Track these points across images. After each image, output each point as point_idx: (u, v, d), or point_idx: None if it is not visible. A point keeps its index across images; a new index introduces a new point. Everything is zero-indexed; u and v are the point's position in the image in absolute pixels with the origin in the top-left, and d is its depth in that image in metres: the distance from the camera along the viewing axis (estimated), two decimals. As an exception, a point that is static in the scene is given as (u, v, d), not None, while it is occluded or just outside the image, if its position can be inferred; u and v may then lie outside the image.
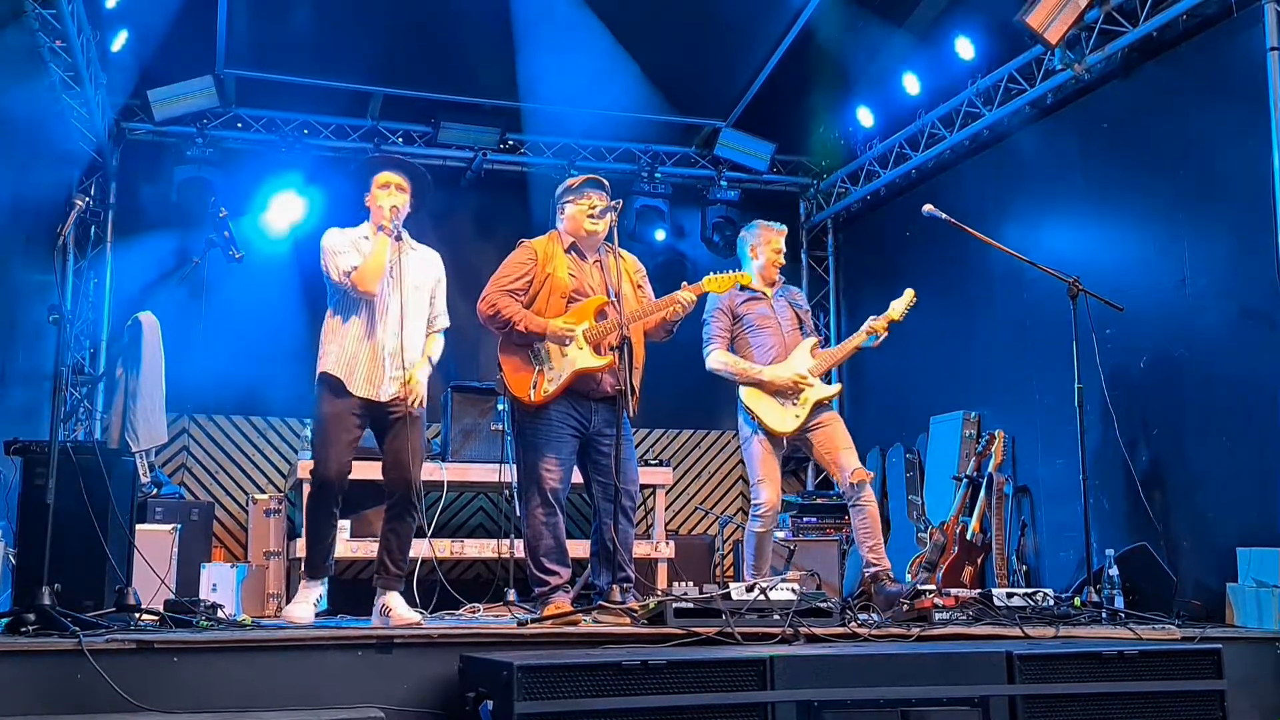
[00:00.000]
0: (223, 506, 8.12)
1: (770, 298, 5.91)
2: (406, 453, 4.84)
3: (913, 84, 8.22)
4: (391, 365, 4.85)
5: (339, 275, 4.86)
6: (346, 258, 4.87)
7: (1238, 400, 5.61)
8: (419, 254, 5.10)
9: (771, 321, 5.83)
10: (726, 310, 5.86)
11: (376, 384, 4.84)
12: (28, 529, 4.57)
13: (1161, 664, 4.10)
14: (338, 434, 4.81)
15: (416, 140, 8.76)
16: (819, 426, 5.69)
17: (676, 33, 7.95)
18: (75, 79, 7.00)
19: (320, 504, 4.89)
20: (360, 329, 4.87)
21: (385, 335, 4.85)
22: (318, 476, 4.86)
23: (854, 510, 5.60)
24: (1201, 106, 5.96)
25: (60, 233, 4.61)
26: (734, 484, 9.44)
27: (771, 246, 5.94)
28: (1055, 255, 6.27)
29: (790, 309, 5.93)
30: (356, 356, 4.84)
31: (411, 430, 4.87)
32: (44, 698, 3.64)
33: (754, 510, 5.66)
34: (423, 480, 4.97)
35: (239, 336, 8.05)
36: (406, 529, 4.91)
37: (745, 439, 5.75)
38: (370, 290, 4.83)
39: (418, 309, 5.00)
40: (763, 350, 5.78)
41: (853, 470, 5.57)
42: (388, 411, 4.87)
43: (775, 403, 5.68)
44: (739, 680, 3.70)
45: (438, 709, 3.99)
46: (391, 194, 4.96)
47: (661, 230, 9.12)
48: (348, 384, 4.82)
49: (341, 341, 4.87)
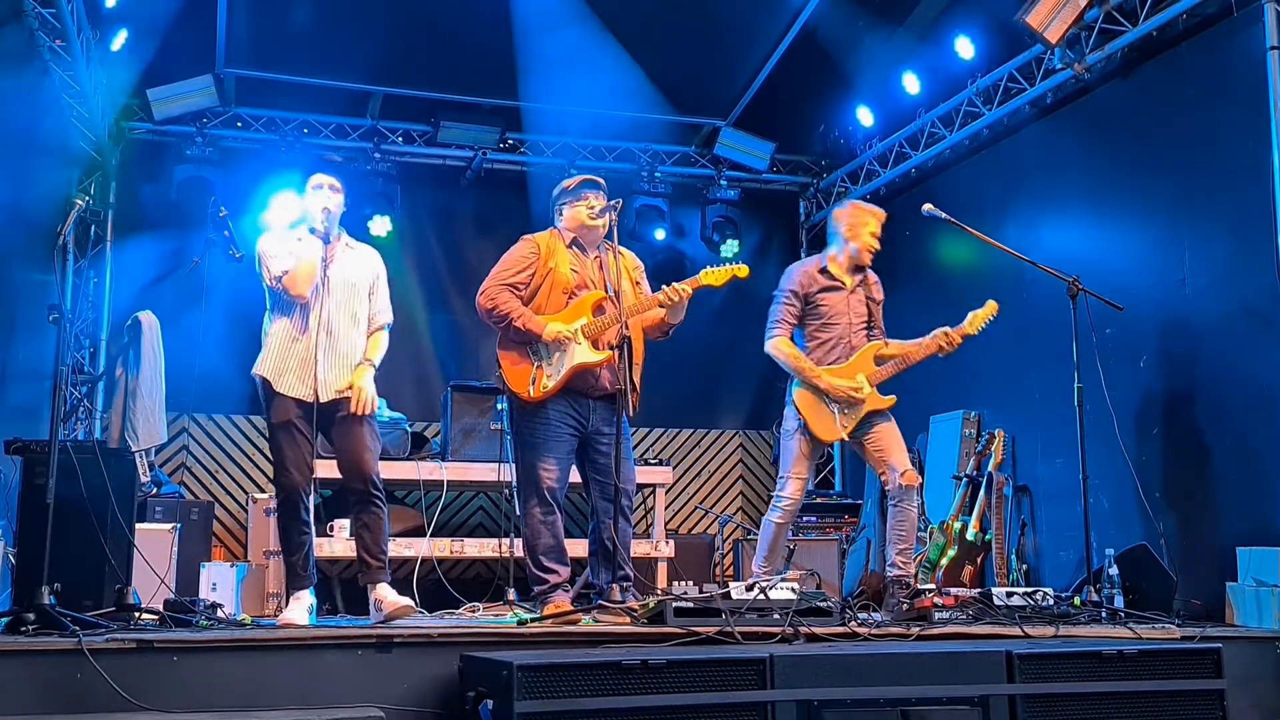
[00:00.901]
0: (222, 506, 8.12)
1: (849, 289, 5.59)
2: (358, 447, 4.88)
3: (912, 83, 8.22)
4: (325, 365, 4.85)
5: (271, 279, 4.91)
6: (279, 261, 4.90)
7: (1238, 400, 5.61)
8: (356, 252, 5.12)
9: (843, 318, 5.55)
10: (800, 294, 5.53)
11: (308, 384, 4.85)
12: (27, 528, 4.57)
13: (1161, 663, 4.11)
14: (290, 442, 4.85)
15: (416, 139, 8.76)
16: (873, 427, 5.52)
17: (676, 32, 7.95)
18: (75, 78, 7.00)
19: (289, 513, 4.89)
20: (292, 330, 4.90)
21: (319, 335, 4.86)
22: (283, 488, 4.87)
23: (894, 511, 5.44)
24: (1201, 106, 5.95)
25: (60, 232, 4.60)
26: (734, 483, 9.45)
27: (868, 230, 5.57)
28: (1055, 255, 6.27)
29: (865, 303, 5.63)
30: (286, 357, 4.87)
31: (357, 425, 4.89)
32: (44, 697, 3.64)
33: (776, 502, 5.56)
34: (422, 479, 4.96)
35: (239, 336, 8.00)
36: (376, 521, 4.91)
37: (787, 432, 5.58)
38: (302, 293, 4.86)
39: (353, 305, 5.00)
40: (826, 348, 5.54)
41: (904, 472, 5.42)
42: (334, 409, 4.88)
43: (826, 409, 5.46)
44: (739, 680, 3.70)
45: (437, 708, 3.99)
46: (324, 194, 5.00)
47: (661, 229, 9.12)
48: (275, 384, 4.85)
49: (273, 343, 4.92)
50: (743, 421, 9.51)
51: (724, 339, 9.06)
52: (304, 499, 4.89)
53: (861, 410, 5.49)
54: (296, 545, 4.89)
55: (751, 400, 9.40)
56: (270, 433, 4.94)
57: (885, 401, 5.54)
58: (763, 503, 8.78)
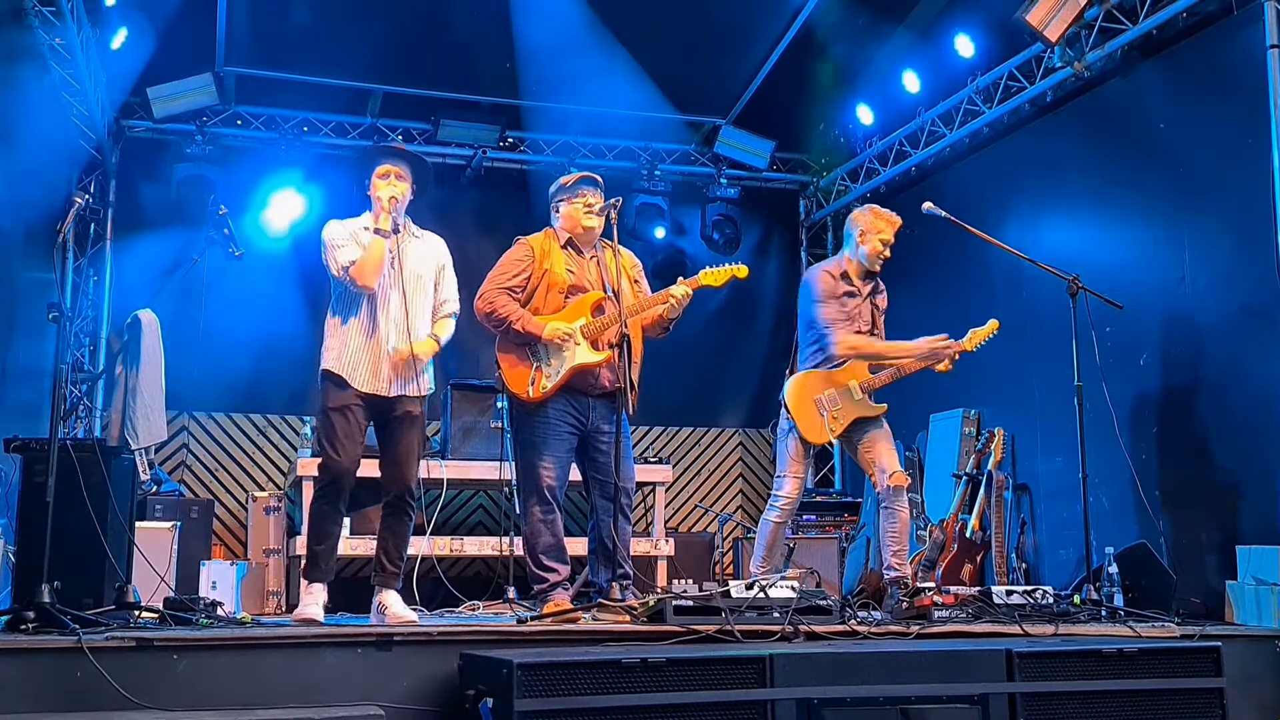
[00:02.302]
0: (222, 504, 8.13)
1: (862, 296, 5.63)
2: (405, 453, 4.83)
3: (912, 82, 8.21)
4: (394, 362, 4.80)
5: (338, 270, 4.80)
6: (346, 251, 4.81)
7: (1237, 398, 5.61)
8: (422, 241, 5.04)
9: (859, 322, 5.60)
10: (835, 294, 5.53)
11: (381, 378, 4.79)
12: (27, 526, 4.57)
13: (1161, 662, 4.11)
14: (345, 427, 4.75)
15: (416, 138, 8.76)
16: (865, 431, 5.57)
17: (676, 30, 7.95)
18: (75, 76, 7.00)
19: (328, 500, 4.80)
20: (362, 324, 4.81)
21: (388, 328, 4.80)
22: (330, 471, 4.76)
23: (885, 513, 5.49)
24: (1201, 104, 5.95)
25: (60, 230, 4.59)
26: (733, 481, 9.45)
27: (880, 236, 5.60)
28: (1055, 253, 6.27)
29: (871, 312, 5.68)
30: (359, 353, 4.79)
31: (411, 430, 4.85)
32: (44, 695, 3.64)
33: (774, 501, 5.60)
34: (422, 478, 4.95)
35: (239, 334, 8.05)
36: (403, 528, 4.89)
37: (782, 432, 5.63)
38: (369, 285, 4.77)
39: (421, 298, 4.94)
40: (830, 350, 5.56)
41: (893, 473, 5.46)
42: (391, 408, 4.83)
43: (815, 412, 5.52)
44: (739, 678, 3.70)
45: (437, 707, 3.99)
46: (391, 183, 4.89)
47: (661, 228, 9.12)
48: (350, 381, 4.77)
49: (343, 338, 4.82)
50: (743, 420, 9.51)
51: (724, 337, 9.07)
52: (347, 487, 4.80)
53: (850, 415, 5.54)
54: (326, 534, 4.81)
55: (751, 398, 9.41)
56: (324, 416, 4.80)
57: (876, 409, 5.58)
58: (763, 501, 8.77)
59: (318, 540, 4.83)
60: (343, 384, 4.78)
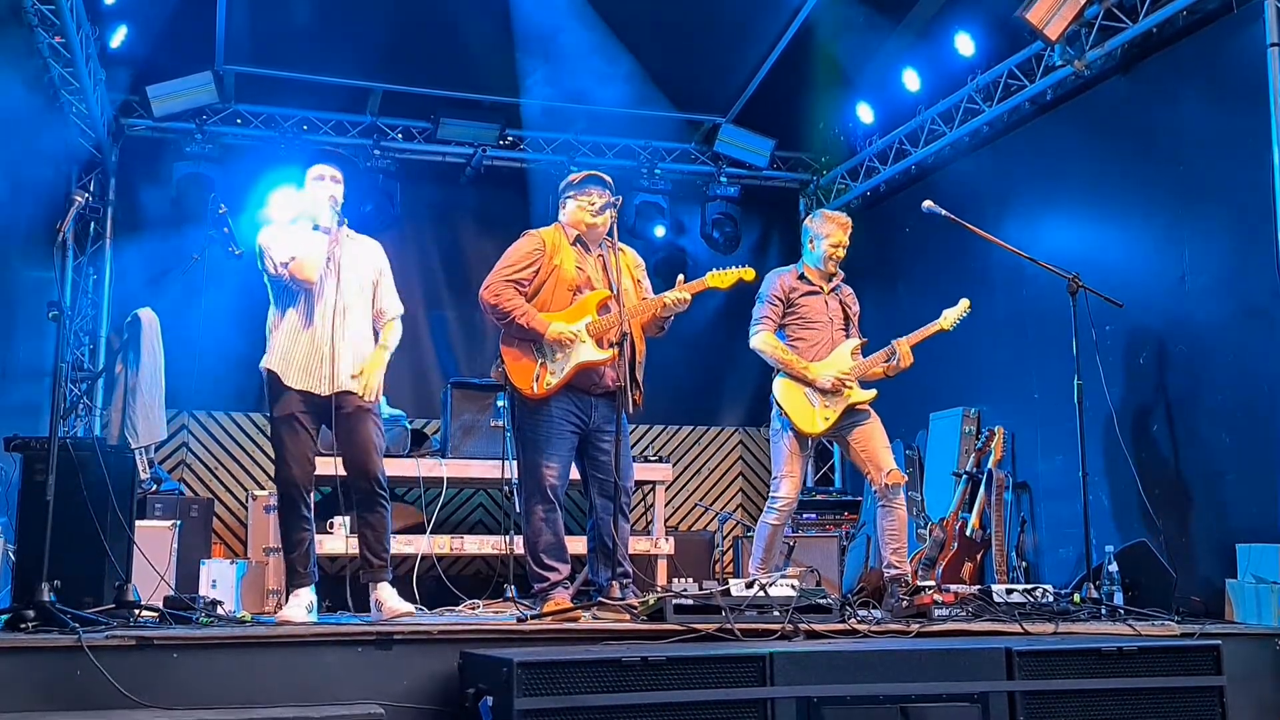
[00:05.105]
0: (222, 503, 8.12)
1: (825, 293, 5.75)
2: (364, 445, 4.83)
3: (912, 80, 8.21)
4: (334, 354, 4.78)
5: (275, 267, 4.82)
6: (281, 249, 4.83)
7: (1237, 397, 5.61)
8: (359, 244, 5.07)
9: (823, 318, 5.70)
10: (783, 296, 5.71)
11: (315, 376, 4.78)
12: (27, 525, 4.57)
13: (1161, 660, 4.11)
14: (293, 438, 4.79)
15: (416, 136, 8.76)
16: (856, 426, 5.60)
17: (676, 29, 7.95)
18: (74, 75, 7.00)
19: (288, 510, 4.83)
20: (298, 321, 4.83)
21: (324, 326, 4.81)
22: (281, 482, 4.82)
23: (883, 511, 5.52)
24: (1201, 102, 5.95)
25: (59, 229, 4.59)
26: (733, 480, 9.45)
27: (830, 240, 5.72)
28: (1055, 251, 6.26)
29: (841, 308, 5.79)
30: (293, 349, 4.81)
31: (364, 422, 4.85)
32: (44, 694, 3.65)
33: (771, 503, 5.62)
34: (422, 476, 4.95)
35: (238, 333, 8.02)
36: (379, 520, 4.89)
37: (775, 433, 5.66)
38: (310, 278, 4.79)
39: (360, 297, 4.97)
40: (808, 346, 5.67)
41: (889, 471, 5.49)
42: (337, 406, 4.80)
43: (807, 402, 5.58)
44: (739, 676, 3.71)
45: (437, 705, 3.99)
46: (328, 184, 4.96)
47: (661, 226, 9.12)
48: (283, 377, 4.78)
49: (279, 335, 4.85)
50: (743, 418, 9.51)
51: (724, 336, 9.05)
52: (304, 495, 4.84)
53: (843, 401, 5.57)
54: (296, 543, 4.84)
55: (751, 397, 9.39)
56: (272, 427, 4.88)
57: (866, 395, 5.62)
58: (763, 499, 8.74)
59: (289, 549, 4.86)
60: (277, 383, 4.80)
